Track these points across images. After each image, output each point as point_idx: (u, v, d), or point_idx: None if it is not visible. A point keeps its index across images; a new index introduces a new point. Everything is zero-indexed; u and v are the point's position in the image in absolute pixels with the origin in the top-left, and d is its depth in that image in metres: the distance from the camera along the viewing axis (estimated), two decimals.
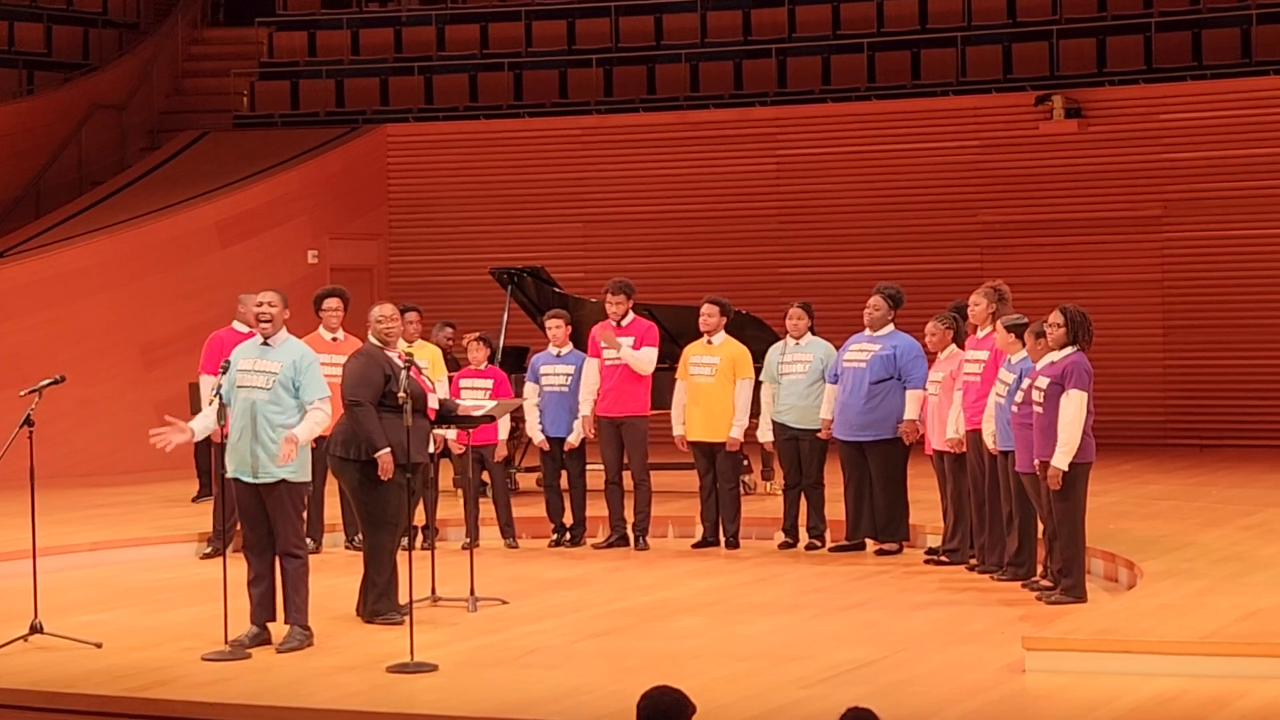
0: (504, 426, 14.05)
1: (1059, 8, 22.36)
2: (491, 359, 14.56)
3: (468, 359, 14.50)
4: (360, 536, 13.44)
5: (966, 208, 21.84)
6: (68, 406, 17.49)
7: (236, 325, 14.02)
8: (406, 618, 9.85)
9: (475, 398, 13.28)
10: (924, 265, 21.38)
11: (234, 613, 9.89)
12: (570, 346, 14.13)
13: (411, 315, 14.31)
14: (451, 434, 13.40)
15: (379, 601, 10.79)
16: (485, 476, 14.26)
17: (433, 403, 11.27)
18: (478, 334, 14.49)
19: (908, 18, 23.00)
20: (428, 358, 13.49)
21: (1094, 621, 9.99)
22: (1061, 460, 10.69)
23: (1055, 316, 10.94)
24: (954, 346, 12.65)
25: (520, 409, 14.36)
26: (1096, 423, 10.96)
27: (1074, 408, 10.64)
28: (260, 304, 10.29)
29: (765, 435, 14.04)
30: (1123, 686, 8.63)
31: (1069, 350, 10.83)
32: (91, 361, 19.34)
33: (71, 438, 18.70)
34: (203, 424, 10.28)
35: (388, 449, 10.63)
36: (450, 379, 14.27)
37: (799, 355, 13.74)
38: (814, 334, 13.88)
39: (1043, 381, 10.86)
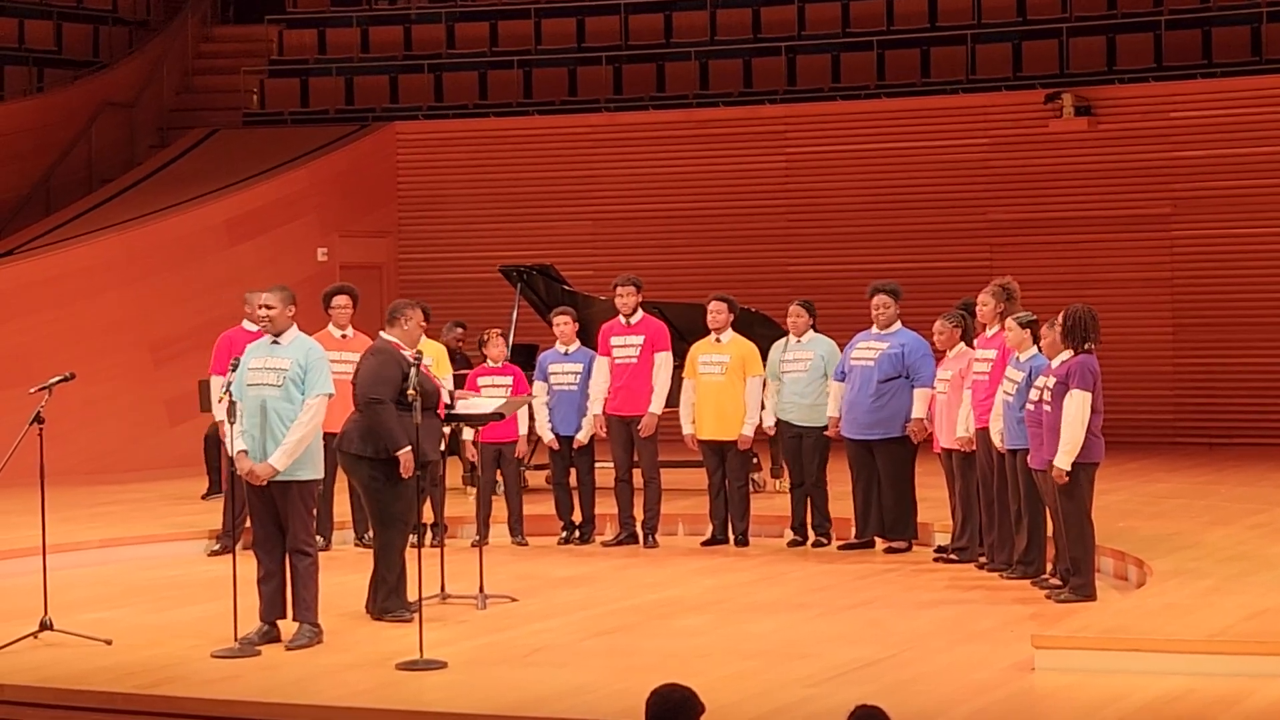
0: (524, 423, 14.04)
1: (1069, 6, 22.33)
2: None
3: (480, 356, 14.48)
4: (370, 534, 13.48)
5: (976, 206, 21.83)
6: (76, 404, 17.50)
7: (246, 324, 14.03)
8: (415, 615, 9.86)
9: (497, 394, 13.27)
10: (933, 263, 21.37)
11: (243, 610, 9.91)
12: (578, 344, 14.14)
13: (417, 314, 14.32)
14: (468, 434, 13.44)
15: (388, 599, 10.80)
16: (498, 475, 14.27)
17: (444, 399, 11.29)
18: (499, 330, 14.49)
19: (917, 15, 22.97)
20: (432, 355, 13.50)
21: (1102, 620, 10.00)
22: (1063, 460, 10.69)
23: (1057, 319, 10.97)
24: (962, 345, 12.64)
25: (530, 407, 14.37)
26: (1105, 421, 10.95)
27: (1075, 408, 10.64)
28: (260, 304, 10.32)
29: (768, 420, 13.94)
30: (1131, 685, 8.63)
31: (1070, 351, 10.82)
32: (100, 359, 19.35)
33: (80, 435, 18.72)
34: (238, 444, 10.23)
35: (408, 447, 10.66)
36: (466, 376, 14.29)
37: (800, 353, 13.74)
38: (816, 331, 13.88)
39: (1050, 381, 10.87)
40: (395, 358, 10.86)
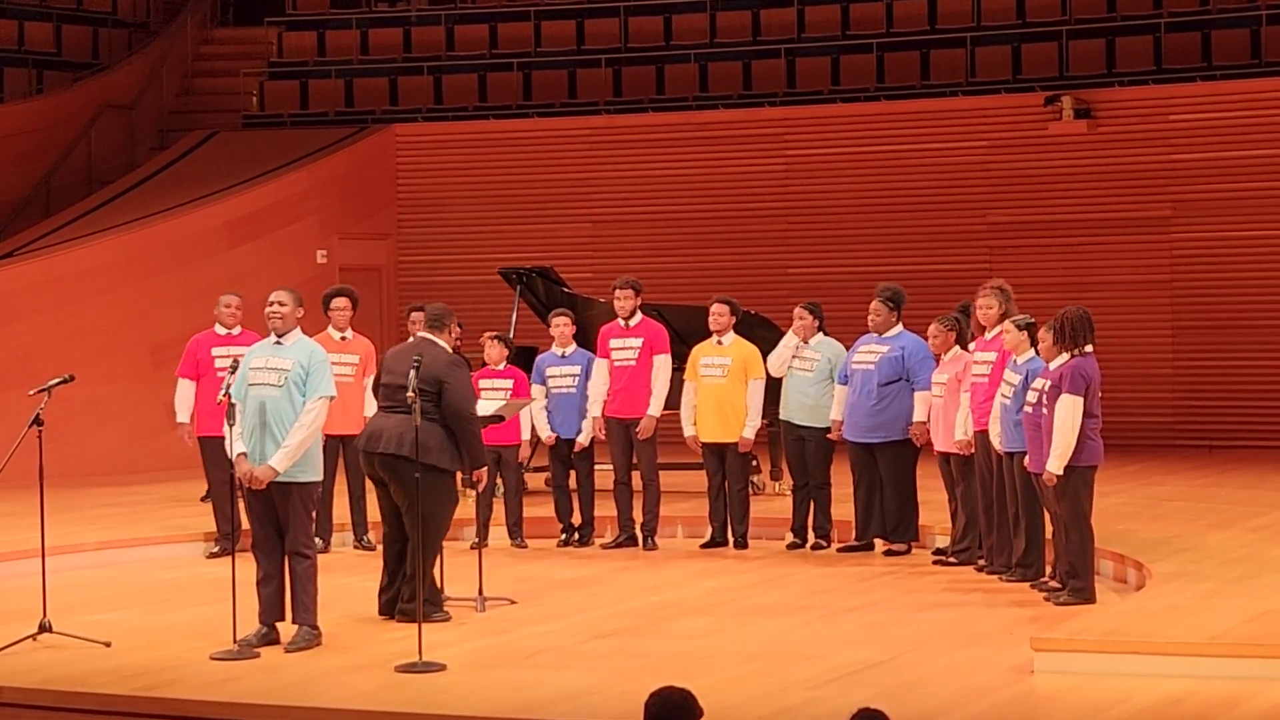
0: (526, 427, 14.03)
1: (1068, 8, 22.33)
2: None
3: (480, 358, 14.48)
4: (368, 536, 13.52)
5: (975, 208, 21.83)
6: (76, 406, 17.49)
7: (217, 328, 14.01)
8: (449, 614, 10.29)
9: (496, 398, 13.26)
10: (932, 266, 21.37)
11: (242, 612, 9.90)
12: (575, 346, 14.13)
13: (418, 315, 14.35)
14: None
15: (427, 603, 10.65)
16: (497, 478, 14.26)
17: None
18: (494, 333, 14.46)
19: (917, 18, 22.98)
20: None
21: (1102, 623, 9.99)
22: (1054, 464, 10.70)
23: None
24: (957, 348, 12.64)
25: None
26: (1105, 424, 10.95)
27: (1065, 412, 10.64)
28: (270, 303, 10.32)
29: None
30: (1131, 688, 8.62)
31: (1067, 355, 10.83)
32: (100, 361, 19.35)
33: (80, 437, 18.71)
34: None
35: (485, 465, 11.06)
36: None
37: (808, 353, 13.74)
38: (825, 333, 13.87)
39: (1047, 384, 10.88)
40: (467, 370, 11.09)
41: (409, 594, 10.69)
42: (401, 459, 10.72)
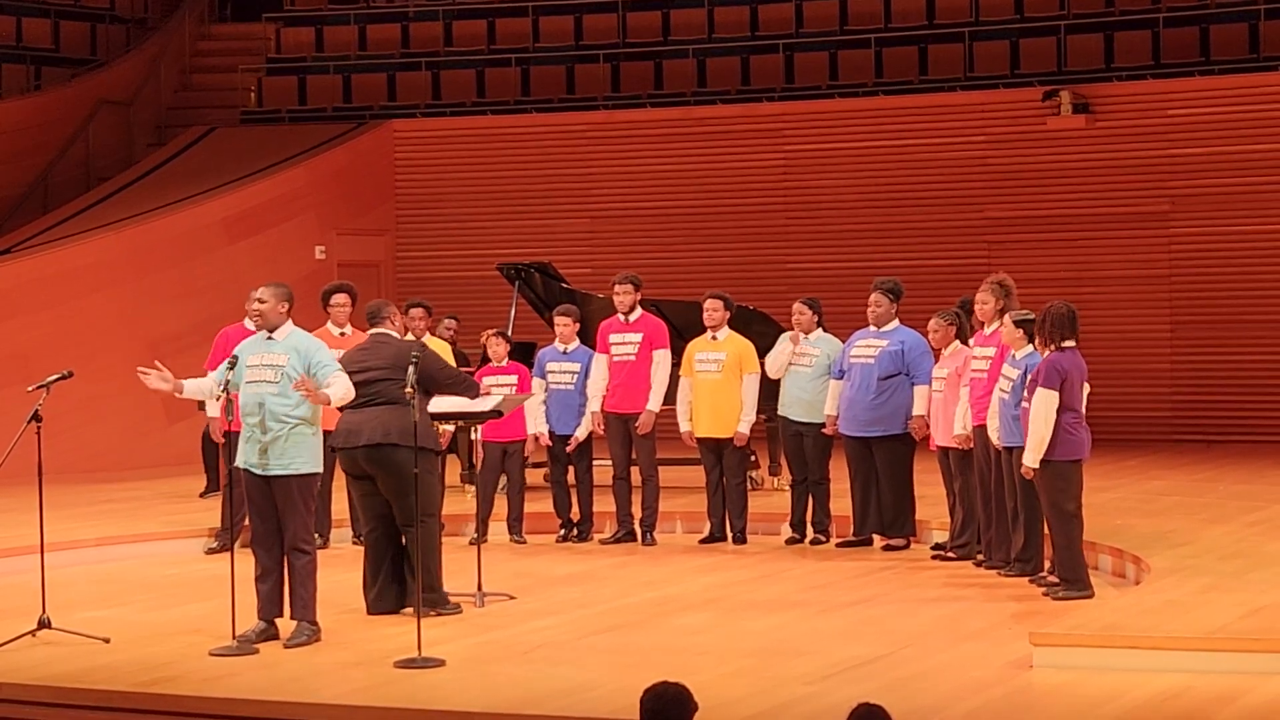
0: (531, 422, 14.01)
1: (1067, 3, 22.33)
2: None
3: (479, 355, 14.49)
4: (367, 531, 13.49)
5: (973, 203, 21.84)
6: (75, 402, 17.48)
7: (247, 322, 14.02)
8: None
9: (501, 394, 13.25)
10: (931, 261, 21.38)
11: (241, 608, 9.91)
12: (577, 343, 14.14)
13: (417, 311, 14.38)
14: (476, 433, 13.44)
15: (435, 593, 10.73)
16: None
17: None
18: (496, 330, 14.48)
19: (915, 13, 22.98)
20: (437, 352, 13.50)
21: (1100, 617, 10.00)
22: (1030, 458, 10.72)
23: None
24: (957, 343, 12.65)
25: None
26: (1102, 418, 10.98)
27: (1039, 406, 10.66)
28: (250, 299, 10.33)
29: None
30: (1129, 682, 8.63)
31: (1049, 349, 10.85)
32: (98, 358, 19.33)
33: (78, 433, 18.71)
34: (194, 386, 10.32)
35: None
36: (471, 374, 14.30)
37: (806, 349, 13.75)
38: (823, 329, 13.87)
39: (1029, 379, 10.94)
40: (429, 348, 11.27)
41: (413, 585, 10.71)
42: (389, 446, 10.74)
